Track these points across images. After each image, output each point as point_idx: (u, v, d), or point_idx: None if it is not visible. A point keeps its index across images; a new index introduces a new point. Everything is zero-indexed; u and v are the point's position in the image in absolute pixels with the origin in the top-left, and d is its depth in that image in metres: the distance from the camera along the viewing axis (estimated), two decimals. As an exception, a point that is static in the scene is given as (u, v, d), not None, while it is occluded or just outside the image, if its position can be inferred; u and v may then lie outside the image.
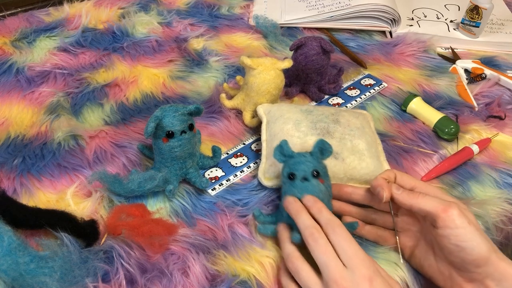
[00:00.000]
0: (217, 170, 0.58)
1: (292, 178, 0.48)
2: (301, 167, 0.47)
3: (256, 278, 0.46)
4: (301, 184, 0.47)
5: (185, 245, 0.49)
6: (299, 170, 0.47)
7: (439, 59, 0.84)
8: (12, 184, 0.55)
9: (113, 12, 0.90)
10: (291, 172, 0.48)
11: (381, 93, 0.74)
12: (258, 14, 0.90)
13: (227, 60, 0.80)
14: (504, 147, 0.65)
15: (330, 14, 0.88)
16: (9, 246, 0.40)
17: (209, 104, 0.69)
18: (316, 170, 0.47)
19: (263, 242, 0.50)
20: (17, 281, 0.40)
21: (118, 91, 0.71)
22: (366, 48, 0.86)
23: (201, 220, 0.52)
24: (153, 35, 0.85)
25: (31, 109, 0.66)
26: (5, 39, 0.80)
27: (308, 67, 0.67)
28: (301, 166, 0.48)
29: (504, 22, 0.96)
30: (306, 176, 0.47)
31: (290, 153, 0.49)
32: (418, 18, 0.96)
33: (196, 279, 0.45)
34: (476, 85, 0.76)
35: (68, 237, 0.45)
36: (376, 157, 0.57)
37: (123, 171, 0.57)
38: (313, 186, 0.47)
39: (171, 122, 0.51)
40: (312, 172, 0.47)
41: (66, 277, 0.42)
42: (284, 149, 0.49)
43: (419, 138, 0.65)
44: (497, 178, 0.59)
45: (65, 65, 0.76)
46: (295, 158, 0.49)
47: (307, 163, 0.48)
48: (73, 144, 0.61)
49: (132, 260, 0.46)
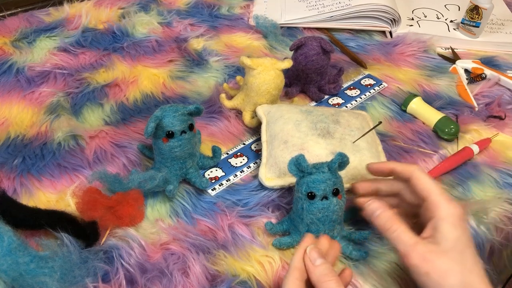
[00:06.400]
0: (217, 170, 0.58)
1: (312, 197, 0.46)
2: (322, 186, 0.45)
3: (256, 278, 0.46)
4: (321, 204, 0.46)
5: (185, 245, 0.49)
6: (320, 189, 0.45)
7: (439, 59, 0.84)
8: (12, 184, 0.55)
9: (113, 12, 0.90)
10: (311, 191, 0.46)
11: (381, 93, 0.74)
12: (258, 14, 0.90)
13: (227, 60, 0.80)
14: (504, 147, 0.64)
15: (330, 14, 0.88)
16: (9, 246, 0.40)
17: (209, 104, 0.69)
18: (336, 188, 0.46)
19: (263, 243, 0.50)
20: (17, 281, 0.40)
21: (118, 91, 0.71)
22: (366, 48, 0.86)
23: (201, 220, 0.52)
24: (153, 35, 0.85)
25: (31, 109, 0.66)
26: (5, 39, 0.80)
27: (308, 67, 0.67)
28: (321, 185, 0.45)
29: (504, 22, 0.96)
30: (327, 195, 0.46)
31: (308, 169, 0.46)
32: (418, 18, 0.96)
33: (196, 279, 0.45)
34: (476, 85, 0.76)
35: (68, 237, 0.45)
36: (376, 157, 0.57)
37: (123, 171, 0.57)
38: (333, 205, 0.46)
39: (171, 122, 0.51)
40: (333, 190, 0.46)
41: (66, 277, 0.42)
42: (302, 165, 0.46)
43: (419, 138, 0.65)
44: (497, 178, 0.59)
45: (65, 65, 0.76)
46: (314, 175, 0.46)
47: (327, 181, 0.46)
48: (73, 144, 0.61)
49: (132, 260, 0.46)
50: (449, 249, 0.39)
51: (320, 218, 0.46)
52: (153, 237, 0.50)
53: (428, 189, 0.43)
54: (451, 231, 0.40)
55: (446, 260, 0.39)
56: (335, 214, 0.47)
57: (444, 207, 0.41)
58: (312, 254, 0.40)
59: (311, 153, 0.54)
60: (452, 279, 0.38)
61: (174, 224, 0.52)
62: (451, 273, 0.38)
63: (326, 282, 0.38)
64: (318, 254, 0.40)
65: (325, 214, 0.46)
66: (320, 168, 0.46)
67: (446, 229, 0.40)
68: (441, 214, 0.41)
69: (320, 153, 0.54)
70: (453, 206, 0.41)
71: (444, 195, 0.42)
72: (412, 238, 0.41)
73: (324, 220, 0.46)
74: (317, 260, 0.40)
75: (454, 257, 0.39)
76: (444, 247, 0.39)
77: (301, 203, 0.47)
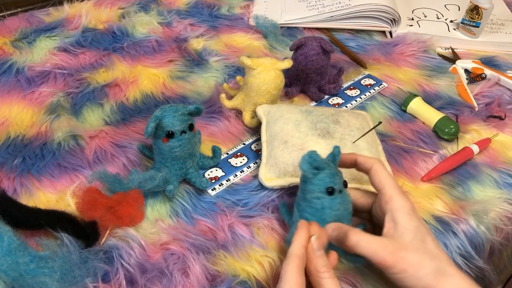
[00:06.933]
0: (217, 170, 0.58)
1: (331, 193, 0.44)
2: (337, 180, 0.45)
3: (256, 278, 0.46)
4: (340, 197, 0.45)
5: (185, 245, 0.49)
6: (337, 183, 0.44)
7: (439, 59, 0.84)
8: (12, 184, 0.55)
9: (113, 12, 0.90)
10: (330, 186, 0.44)
11: (381, 93, 0.74)
12: (258, 14, 0.90)
13: (227, 60, 0.80)
14: (504, 147, 0.65)
15: (330, 14, 0.88)
16: (9, 246, 0.40)
17: (209, 104, 0.69)
18: (345, 180, 0.46)
19: (263, 243, 0.50)
20: (17, 281, 0.40)
21: (118, 91, 0.71)
22: (366, 48, 0.86)
23: (201, 220, 0.52)
24: (153, 35, 0.85)
25: (31, 109, 0.66)
26: (5, 39, 0.80)
27: (308, 67, 0.67)
28: (336, 179, 0.45)
29: (504, 22, 0.96)
30: (341, 188, 0.45)
31: (322, 165, 0.44)
32: (418, 18, 0.96)
33: (196, 279, 0.46)
34: (476, 85, 0.76)
35: (68, 237, 0.45)
36: (376, 157, 0.57)
37: (123, 171, 0.57)
38: (348, 197, 0.46)
39: (171, 122, 0.51)
40: (344, 183, 0.46)
41: (66, 277, 0.42)
42: (318, 161, 0.44)
43: (419, 138, 0.65)
44: (497, 178, 0.59)
45: (65, 65, 0.76)
46: (327, 170, 0.45)
47: (338, 174, 0.45)
48: (73, 144, 0.61)
49: (132, 260, 0.46)
50: (413, 240, 0.41)
51: (342, 213, 0.45)
52: (153, 237, 0.50)
53: (383, 182, 0.45)
54: (409, 221, 0.42)
55: (415, 253, 0.40)
56: (351, 205, 0.47)
57: (397, 199, 0.43)
58: (316, 244, 0.41)
59: (311, 153, 0.54)
60: (425, 269, 0.40)
61: (174, 224, 0.52)
62: (423, 263, 0.40)
63: (324, 273, 0.39)
64: (321, 245, 0.41)
65: (345, 207, 0.46)
66: (329, 164, 0.46)
67: (404, 219, 0.42)
68: (395, 205, 0.43)
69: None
70: (405, 199, 0.44)
71: (397, 189, 0.44)
72: (378, 241, 0.42)
73: (345, 213, 0.46)
74: (319, 251, 0.41)
75: (419, 247, 0.41)
76: (408, 239, 0.41)
77: (320, 202, 0.45)
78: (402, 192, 0.44)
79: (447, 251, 0.50)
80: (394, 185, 0.44)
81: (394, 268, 0.40)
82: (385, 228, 0.43)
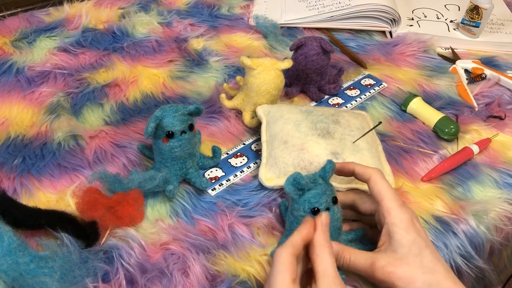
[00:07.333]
0: (217, 170, 0.58)
1: (316, 213, 0.44)
2: (323, 199, 0.45)
3: (256, 278, 0.46)
4: None
5: (185, 245, 0.49)
6: (322, 203, 0.44)
7: (439, 59, 0.84)
8: (12, 184, 0.55)
9: (113, 12, 0.90)
10: (315, 207, 0.44)
11: (381, 93, 0.74)
12: (258, 14, 0.90)
13: (227, 60, 0.80)
14: (504, 147, 0.65)
15: (330, 14, 0.88)
16: (9, 246, 0.40)
17: (209, 104, 0.69)
18: (335, 196, 0.46)
19: (263, 243, 0.50)
20: (17, 281, 0.40)
21: (118, 91, 0.71)
22: (366, 48, 0.86)
23: (201, 220, 0.52)
24: (153, 35, 0.85)
25: (31, 109, 0.66)
26: (5, 39, 0.80)
27: (308, 67, 0.67)
28: (322, 198, 0.44)
29: (504, 22, 0.96)
30: (329, 206, 0.45)
31: (308, 186, 0.45)
32: (418, 18, 0.96)
33: (196, 279, 0.46)
34: (476, 85, 0.76)
35: (68, 237, 0.45)
36: (376, 157, 0.57)
37: (123, 171, 0.57)
38: (336, 213, 0.45)
39: (171, 122, 0.51)
40: (333, 199, 0.45)
41: (66, 277, 0.42)
42: (301, 183, 0.44)
43: (419, 138, 0.65)
44: (497, 178, 0.59)
45: (65, 65, 0.76)
46: (313, 190, 0.45)
47: (326, 192, 0.45)
48: (73, 144, 0.61)
49: (132, 260, 0.46)
50: (406, 255, 0.41)
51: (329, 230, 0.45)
52: (153, 237, 0.50)
53: (382, 194, 0.44)
54: (405, 236, 0.41)
55: (406, 267, 0.40)
56: (339, 221, 0.46)
57: (395, 213, 0.43)
58: (326, 220, 0.42)
59: (311, 153, 0.54)
60: (416, 283, 0.40)
61: (174, 224, 0.52)
62: (414, 278, 0.40)
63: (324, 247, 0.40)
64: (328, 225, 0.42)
65: (332, 225, 0.45)
66: (316, 181, 0.45)
67: (400, 234, 0.42)
68: (392, 219, 0.43)
69: (320, 153, 0.54)
70: (404, 212, 0.43)
71: (396, 201, 0.44)
72: (367, 258, 0.42)
73: (332, 230, 0.45)
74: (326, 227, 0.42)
75: (412, 262, 0.41)
76: (401, 254, 0.41)
77: None
78: (401, 204, 0.44)
79: (447, 251, 0.50)
80: (393, 197, 0.44)
81: (384, 283, 0.41)
82: (380, 241, 0.43)
